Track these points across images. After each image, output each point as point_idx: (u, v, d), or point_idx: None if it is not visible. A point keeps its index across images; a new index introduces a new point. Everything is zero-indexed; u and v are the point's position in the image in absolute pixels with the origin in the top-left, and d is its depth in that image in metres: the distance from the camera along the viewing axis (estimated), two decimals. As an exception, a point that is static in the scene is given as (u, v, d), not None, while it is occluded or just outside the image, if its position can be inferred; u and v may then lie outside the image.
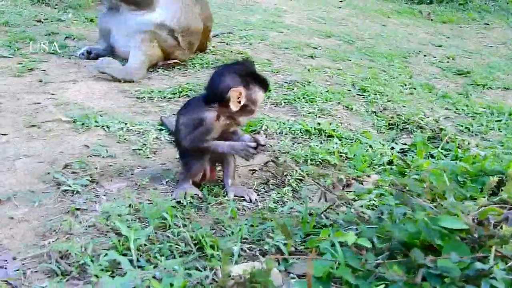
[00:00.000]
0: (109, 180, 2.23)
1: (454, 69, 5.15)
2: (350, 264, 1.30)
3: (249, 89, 2.01)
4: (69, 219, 1.85)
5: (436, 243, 1.32)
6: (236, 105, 1.99)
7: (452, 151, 2.77)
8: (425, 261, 1.23)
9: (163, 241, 1.77)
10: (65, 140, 2.57)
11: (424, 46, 6.42)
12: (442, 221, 1.34)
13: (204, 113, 2.04)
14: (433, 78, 4.77)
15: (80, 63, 3.97)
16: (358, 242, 1.31)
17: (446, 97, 4.00)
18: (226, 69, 2.09)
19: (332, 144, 2.76)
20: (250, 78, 2.03)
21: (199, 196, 2.13)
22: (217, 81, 2.05)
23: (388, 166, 2.52)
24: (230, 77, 2.01)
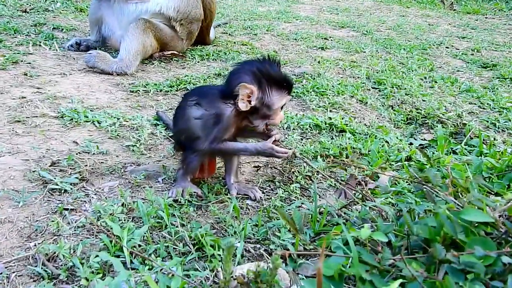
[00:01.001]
0: (100, 178, 2.23)
1: (479, 62, 5.14)
2: (365, 260, 1.29)
3: (263, 91, 1.97)
4: (56, 220, 1.86)
5: (459, 238, 1.31)
6: (246, 104, 1.96)
7: (476, 147, 2.76)
8: (447, 256, 1.22)
9: (159, 242, 1.77)
10: (53, 136, 2.58)
11: (446, 37, 6.41)
12: (465, 214, 1.34)
13: (222, 109, 2.01)
14: (456, 71, 4.76)
15: (69, 55, 3.99)
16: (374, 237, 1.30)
17: (470, 91, 3.99)
18: (246, 63, 2.06)
19: (344, 140, 2.75)
20: (269, 79, 1.97)
21: (199, 194, 2.13)
22: (231, 74, 2.04)
23: (406, 162, 2.51)
24: (245, 72, 1.99)
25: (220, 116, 2.00)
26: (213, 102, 2.04)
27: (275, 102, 1.99)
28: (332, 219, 1.92)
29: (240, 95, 1.95)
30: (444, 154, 2.58)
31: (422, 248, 1.47)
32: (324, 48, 5.04)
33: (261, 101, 1.97)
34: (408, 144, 2.79)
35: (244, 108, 1.96)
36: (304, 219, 1.51)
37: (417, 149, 2.70)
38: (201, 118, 2.04)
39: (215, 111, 2.02)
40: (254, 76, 1.96)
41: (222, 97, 2.02)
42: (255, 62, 2.03)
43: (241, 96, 1.95)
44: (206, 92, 2.14)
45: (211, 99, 2.05)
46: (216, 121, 2.01)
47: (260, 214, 1.96)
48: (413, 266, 1.27)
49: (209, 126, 2.02)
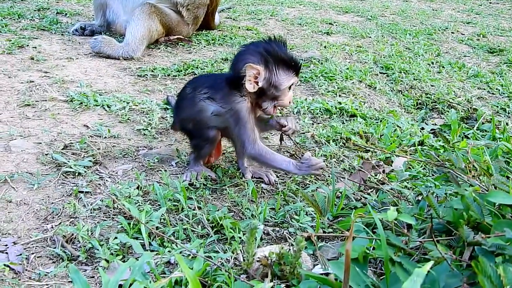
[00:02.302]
0: (113, 162, 2.23)
1: (486, 47, 5.12)
2: (391, 242, 1.29)
3: (270, 71, 1.94)
4: (72, 202, 1.85)
5: (486, 221, 1.31)
6: (253, 85, 1.94)
7: (488, 132, 2.76)
8: (476, 238, 1.22)
9: (177, 224, 1.77)
10: (63, 120, 2.57)
11: (451, 23, 6.38)
12: (492, 196, 1.33)
13: (236, 102, 1.98)
14: (463, 56, 4.74)
15: (74, 40, 3.97)
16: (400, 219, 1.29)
17: (479, 76, 3.98)
18: (251, 45, 2.04)
19: (355, 124, 2.75)
20: (275, 59, 1.94)
21: (213, 178, 2.13)
22: (237, 56, 2.02)
23: (419, 147, 2.51)
24: (250, 53, 1.96)
25: (238, 112, 1.97)
26: (227, 96, 2.01)
27: (283, 82, 1.96)
28: (350, 203, 1.92)
29: (247, 76, 1.92)
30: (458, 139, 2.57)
31: (445, 232, 1.47)
32: (329, 33, 5.02)
33: (268, 82, 1.95)
34: (419, 129, 2.78)
35: (252, 89, 1.94)
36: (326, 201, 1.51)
37: (431, 133, 2.69)
38: (219, 115, 2.02)
39: (230, 107, 1.99)
40: (261, 56, 1.93)
41: (232, 86, 1.99)
42: (261, 42, 2.01)
43: (248, 77, 1.92)
44: (216, 84, 2.09)
45: (224, 92, 2.02)
46: (237, 119, 1.98)
47: (278, 197, 1.95)
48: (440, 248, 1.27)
49: (232, 126, 2.00)
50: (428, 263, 1.06)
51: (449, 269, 1.22)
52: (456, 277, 1.19)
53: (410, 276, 1.02)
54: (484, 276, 1.03)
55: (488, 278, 1.03)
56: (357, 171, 2.06)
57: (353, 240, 1.43)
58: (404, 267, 1.22)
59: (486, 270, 1.04)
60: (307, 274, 1.32)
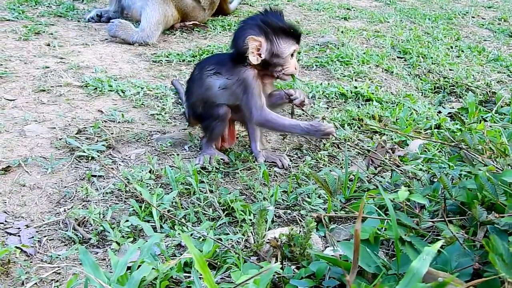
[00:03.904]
0: (127, 146, 2.23)
1: (507, 31, 5.02)
2: (403, 223, 1.27)
3: (271, 41, 1.98)
4: (85, 186, 1.86)
5: (500, 201, 1.28)
6: (256, 57, 1.97)
7: (507, 115, 2.70)
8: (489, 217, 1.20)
9: (188, 207, 1.77)
10: (77, 105, 2.58)
11: (472, 7, 6.26)
12: (507, 175, 1.30)
13: (243, 72, 2.01)
14: (483, 40, 4.65)
15: (90, 26, 3.98)
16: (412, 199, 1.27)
17: (499, 60, 3.90)
18: (248, 19, 2.08)
19: (371, 108, 2.71)
20: (274, 29, 1.99)
21: (226, 161, 2.12)
22: (237, 32, 2.06)
23: (435, 130, 2.47)
24: (250, 27, 2.00)
25: (245, 81, 2.00)
26: (233, 68, 2.04)
27: (284, 51, 2.01)
28: (363, 185, 1.90)
29: (250, 48, 1.96)
30: (475, 121, 2.53)
31: (459, 213, 1.44)
32: (347, 18, 4.96)
33: (270, 52, 1.99)
34: (436, 113, 2.74)
35: (255, 61, 1.98)
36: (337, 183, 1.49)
37: (447, 117, 2.65)
38: (226, 87, 2.04)
39: (237, 77, 2.02)
40: (260, 28, 1.98)
41: (237, 60, 2.03)
42: (258, 15, 2.06)
43: (251, 49, 1.96)
44: (221, 60, 2.14)
45: (230, 65, 2.06)
46: (244, 87, 2.00)
47: (290, 180, 1.94)
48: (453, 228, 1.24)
49: (240, 96, 2.02)
50: (439, 242, 1.04)
51: (461, 249, 1.20)
52: (468, 257, 1.17)
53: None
54: (496, 254, 1.01)
55: (500, 256, 1.01)
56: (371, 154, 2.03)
57: (365, 221, 1.41)
58: (414, 247, 1.20)
59: (498, 248, 1.02)
60: (317, 255, 1.31)
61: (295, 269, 1.39)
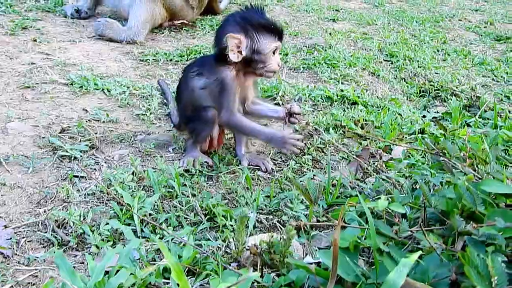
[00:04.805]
0: (110, 146, 2.20)
1: (493, 35, 5.04)
2: (381, 232, 1.26)
3: (251, 38, 1.96)
4: (66, 187, 1.83)
5: (479, 210, 1.27)
6: (237, 54, 1.95)
7: (491, 120, 2.71)
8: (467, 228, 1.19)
9: (170, 211, 1.75)
10: (62, 103, 2.55)
11: (459, 10, 6.29)
12: (486, 185, 1.30)
13: (221, 72, 2.00)
14: (469, 44, 4.67)
15: (78, 23, 3.94)
16: (391, 208, 1.26)
17: (484, 64, 3.92)
18: (230, 16, 2.07)
19: (356, 112, 2.70)
20: (254, 26, 1.97)
21: (209, 164, 2.10)
22: (217, 30, 2.06)
23: (419, 135, 2.47)
24: (229, 24, 1.99)
25: (223, 81, 1.99)
26: (212, 68, 2.03)
27: (265, 47, 1.98)
28: (346, 191, 1.89)
29: (229, 46, 1.94)
30: (458, 126, 2.53)
31: (439, 221, 1.43)
32: (335, 20, 4.96)
33: (251, 49, 1.97)
34: (421, 117, 2.74)
35: (236, 59, 1.96)
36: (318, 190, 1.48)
37: (431, 121, 2.65)
38: (205, 87, 2.04)
39: (216, 77, 2.01)
40: (239, 25, 1.96)
41: (218, 60, 2.02)
42: (238, 12, 2.05)
43: (230, 47, 1.94)
44: (204, 61, 2.15)
45: (210, 65, 2.05)
46: (221, 87, 2.00)
47: (272, 185, 1.92)
48: (431, 237, 1.23)
49: (216, 95, 2.01)
50: (416, 253, 1.03)
51: (439, 259, 1.19)
52: (446, 267, 1.16)
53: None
54: (471, 267, 1.00)
55: (475, 269, 1.00)
56: (354, 160, 2.02)
57: (345, 229, 1.40)
58: (393, 257, 1.19)
59: (473, 261, 1.01)
60: (296, 264, 1.29)
61: (275, 276, 1.38)
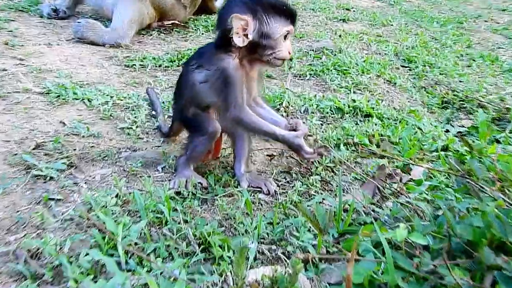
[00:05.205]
0: (91, 165, 2.20)
1: (524, 38, 5.07)
2: (400, 266, 1.25)
3: (260, 20, 1.92)
4: (41, 211, 1.82)
5: (510, 241, 1.27)
6: (242, 38, 1.92)
7: (523, 135, 2.71)
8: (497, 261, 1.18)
9: (159, 240, 1.73)
10: (37, 115, 2.55)
11: (485, 10, 6.33)
12: (518, 213, 1.29)
13: (222, 60, 1.96)
14: (497, 48, 4.69)
15: (56, 23, 3.96)
16: (411, 239, 1.26)
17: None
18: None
19: (370, 125, 2.70)
20: (264, 6, 1.93)
21: (204, 186, 2.09)
22: (221, 11, 2.01)
23: (442, 152, 2.47)
24: (235, 3, 1.95)
25: (224, 71, 1.95)
26: (212, 57, 2.00)
27: (276, 31, 1.94)
28: (359, 217, 1.88)
29: (234, 28, 1.89)
30: (486, 143, 2.53)
31: (465, 252, 1.42)
32: (345, 20, 4.99)
33: (259, 33, 1.93)
34: (444, 132, 2.74)
35: (241, 43, 1.92)
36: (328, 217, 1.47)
37: (456, 137, 2.65)
38: (207, 80, 2.01)
39: (216, 67, 1.97)
40: (246, 4, 1.92)
41: (220, 46, 1.98)
42: None
43: (236, 29, 1.90)
44: (203, 50, 2.12)
45: (210, 54, 2.02)
46: (224, 79, 1.95)
47: (276, 210, 1.91)
48: (457, 272, 1.23)
49: (219, 89, 1.97)
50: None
51: (467, 299, 1.18)
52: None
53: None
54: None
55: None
56: (368, 181, 2.02)
57: (359, 262, 1.39)
58: (414, 297, 1.18)
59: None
60: (303, 303, 1.29)
61: (279, 316, 1.37)
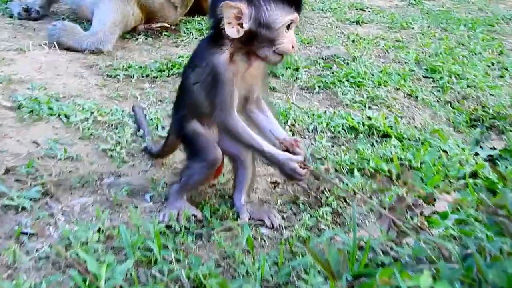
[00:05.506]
0: (69, 193, 2.21)
1: None
2: (425, 321, 1.26)
3: (256, 6, 1.85)
4: (12, 247, 1.83)
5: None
6: (236, 28, 1.86)
7: None
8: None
9: (147, 282, 1.75)
10: (6, 133, 2.57)
11: (519, 10, 6.38)
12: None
13: (211, 56, 1.93)
14: (534, 55, 4.72)
15: (28, 25, 3.99)
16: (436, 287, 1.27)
17: (553, 83, 3.96)
18: None
19: (389, 147, 2.72)
20: None
21: (199, 218, 2.11)
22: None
23: (470, 180, 2.48)
24: None
25: (213, 68, 1.92)
26: (205, 52, 1.99)
27: (277, 19, 1.86)
28: (376, 257, 1.89)
29: (225, 18, 1.84)
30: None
31: (499, 302, 1.44)
32: (359, 23, 5.03)
33: (257, 21, 1.86)
34: (472, 155, 2.76)
35: (235, 34, 1.86)
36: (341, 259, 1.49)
37: (486, 161, 2.66)
38: (198, 80, 2.00)
39: (206, 62, 1.95)
40: None
41: (212, 39, 1.96)
42: None
43: (227, 19, 1.84)
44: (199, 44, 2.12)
45: (203, 49, 2.03)
46: (212, 78, 1.93)
47: (282, 248, 1.93)
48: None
49: (208, 88, 1.96)
50: None
51: None
52: None
53: None
54: None
55: None
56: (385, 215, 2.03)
57: (377, 313, 1.41)
58: None
59: None
60: None
61: None
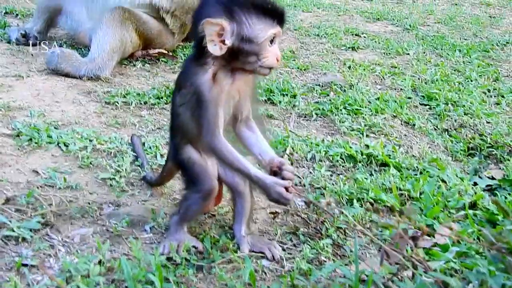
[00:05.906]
0: (69, 223, 2.21)
1: (561, 69, 5.13)
2: None
3: (238, 22, 1.86)
4: (13, 279, 1.83)
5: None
6: (219, 46, 1.86)
7: None
8: None
9: (149, 317, 1.75)
10: (5, 162, 2.56)
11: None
12: None
13: (195, 76, 1.92)
14: (530, 81, 4.75)
15: (26, 51, 4.00)
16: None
17: (551, 110, 3.98)
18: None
19: (387, 177, 2.73)
20: (242, 5, 1.87)
21: (199, 250, 2.10)
22: (194, 15, 1.98)
23: (470, 211, 2.49)
24: (208, 5, 1.91)
25: (196, 89, 1.91)
26: (188, 71, 1.99)
27: (259, 34, 1.87)
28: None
29: (207, 36, 1.85)
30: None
31: None
32: (355, 48, 5.05)
33: (239, 36, 1.86)
34: (471, 185, 2.76)
35: (218, 51, 1.86)
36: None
37: (485, 191, 2.67)
38: (184, 101, 2.00)
39: (189, 83, 1.95)
40: (222, 5, 1.87)
41: (197, 57, 1.96)
42: None
43: (209, 37, 1.85)
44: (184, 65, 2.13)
45: (187, 68, 2.03)
46: (197, 98, 1.92)
47: (284, 282, 1.93)
48: None
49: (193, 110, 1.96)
50: None
51: None
52: None
53: None
54: None
55: None
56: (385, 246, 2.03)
57: None
58: None
59: None
60: None
61: None
